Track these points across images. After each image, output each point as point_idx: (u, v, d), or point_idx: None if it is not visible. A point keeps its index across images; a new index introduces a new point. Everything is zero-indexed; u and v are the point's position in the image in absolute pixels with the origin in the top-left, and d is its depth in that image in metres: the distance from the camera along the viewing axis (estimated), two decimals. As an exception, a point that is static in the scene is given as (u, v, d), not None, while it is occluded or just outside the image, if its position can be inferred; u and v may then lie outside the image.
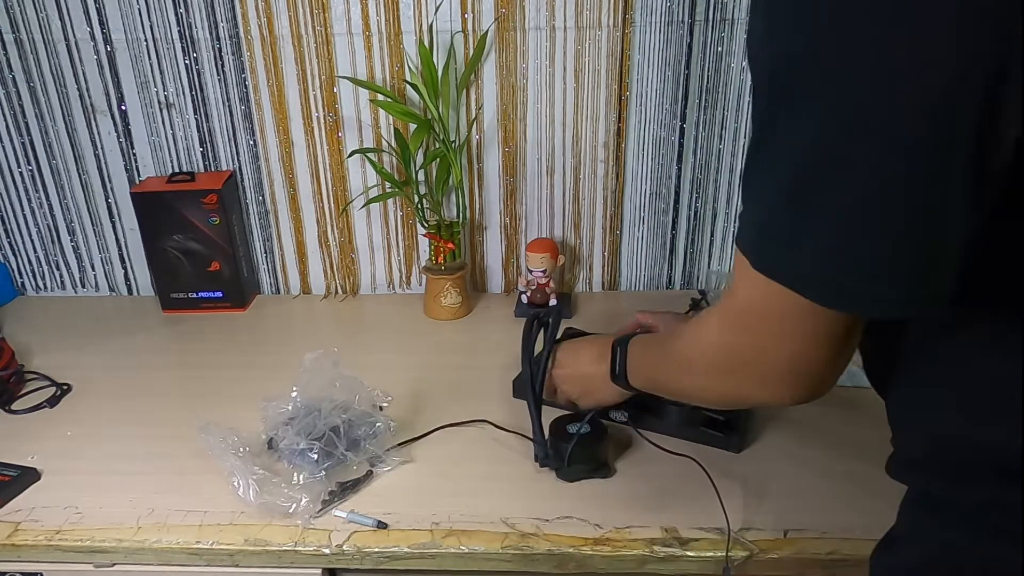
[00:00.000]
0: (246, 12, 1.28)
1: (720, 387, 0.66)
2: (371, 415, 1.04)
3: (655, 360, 0.81)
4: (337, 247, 1.46)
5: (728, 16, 1.25)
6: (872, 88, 0.44)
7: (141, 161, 1.41)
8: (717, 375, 0.65)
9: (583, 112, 1.33)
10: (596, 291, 1.47)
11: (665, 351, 0.78)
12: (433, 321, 1.38)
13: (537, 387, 0.98)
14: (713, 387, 0.67)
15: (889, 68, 0.44)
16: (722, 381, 0.64)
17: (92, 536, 0.89)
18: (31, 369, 1.24)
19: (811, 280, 0.51)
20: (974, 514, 0.54)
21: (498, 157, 1.37)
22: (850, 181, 0.46)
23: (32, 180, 1.43)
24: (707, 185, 1.37)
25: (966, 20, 0.42)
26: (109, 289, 1.53)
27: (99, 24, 1.30)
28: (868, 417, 1.03)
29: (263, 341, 1.34)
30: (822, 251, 0.49)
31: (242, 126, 1.37)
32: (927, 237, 0.47)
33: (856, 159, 0.46)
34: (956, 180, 0.45)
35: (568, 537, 0.86)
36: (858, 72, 0.45)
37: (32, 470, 0.99)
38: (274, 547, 0.87)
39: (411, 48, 1.29)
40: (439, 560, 0.86)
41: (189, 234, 1.38)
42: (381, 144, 1.37)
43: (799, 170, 0.49)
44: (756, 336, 0.58)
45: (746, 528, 0.85)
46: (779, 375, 0.59)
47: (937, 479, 0.57)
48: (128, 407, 1.15)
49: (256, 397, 1.03)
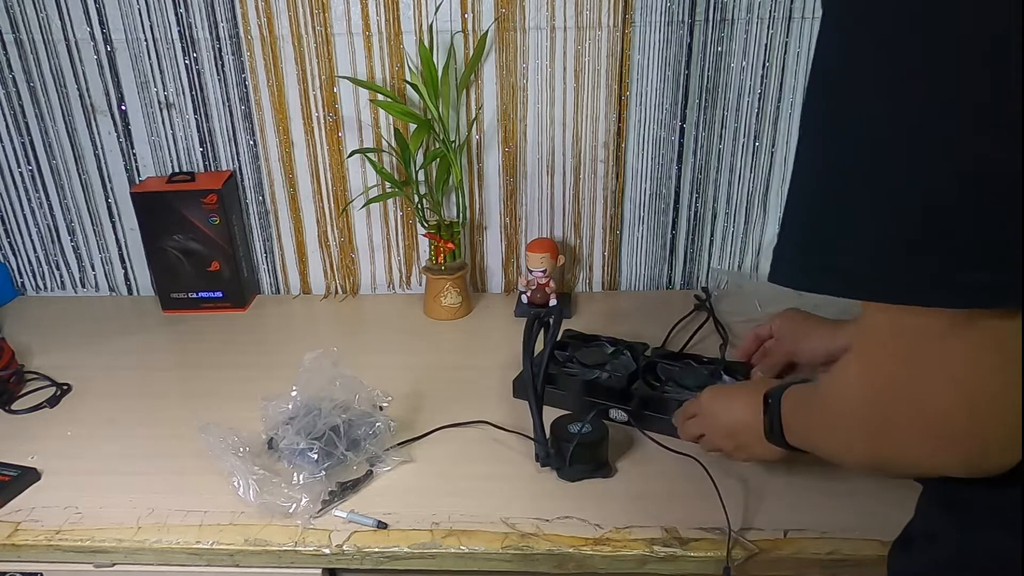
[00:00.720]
0: (246, 12, 1.28)
1: (872, 449, 0.54)
2: (371, 415, 1.04)
3: (805, 418, 0.70)
4: (337, 247, 1.46)
5: (728, 16, 1.25)
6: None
7: (141, 161, 1.41)
8: (866, 434, 0.54)
9: (583, 112, 1.33)
10: (596, 291, 1.47)
11: (810, 406, 0.67)
12: (433, 321, 1.38)
13: (539, 386, 0.98)
14: (864, 450, 0.55)
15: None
16: (873, 442, 0.53)
17: (92, 536, 0.89)
18: (31, 369, 1.24)
19: (919, 285, 0.45)
20: (1002, 513, 0.52)
21: (498, 157, 1.37)
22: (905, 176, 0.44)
23: (32, 180, 1.43)
24: (707, 185, 1.37)
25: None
26: (109, 289, 1.53)
27: (99, 24, 1.30)
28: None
29: (263, 341, 1.34)
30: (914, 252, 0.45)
31: (242, 126, 1.37)
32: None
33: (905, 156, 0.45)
34: None
35: (568, 537, 0.86)
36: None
37: (32, 470, 0.99)
38: (274, 547, 0.87)
39: (411, 48, 1.29)
40: (439, 560, 0.86)
41: (189, 234, 1.38)
42: (381, 144, 1.37)
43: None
44: (902, 379, 0.49)
45: (746, 528, 0.85)
46: (940, 428, 0.48)
47: (961, 479, 0.53)
48: (128, 407, 1.15)
49: (256, 397, 1.03)
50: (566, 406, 1.04)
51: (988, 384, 0.46)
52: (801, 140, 0.52)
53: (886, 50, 0.45)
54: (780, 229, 0.54)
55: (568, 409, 1.02)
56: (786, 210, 0.54)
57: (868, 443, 0.54)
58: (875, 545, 0.82)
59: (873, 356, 0.51)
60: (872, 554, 0.81)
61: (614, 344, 1.18)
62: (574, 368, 1.13)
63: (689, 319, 1.31)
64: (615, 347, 1.17)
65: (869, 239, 0.47)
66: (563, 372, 1.11)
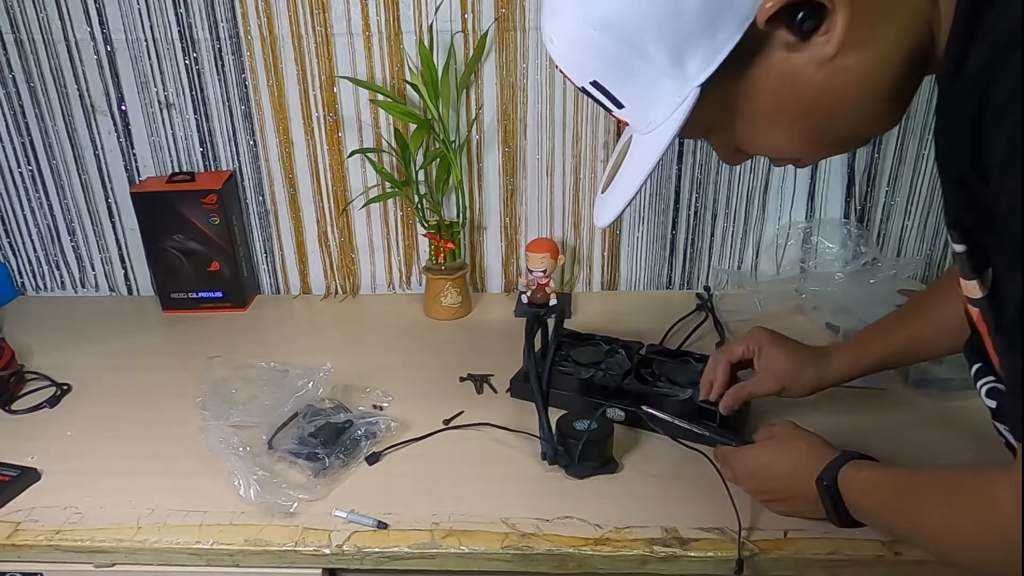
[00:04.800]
0: (246, 12, 1.28)
1: (1000, 564, 0.59)
2: (371, 415, 1.04)
3: (900, 508, 0.72)
4: (337, 247, 1.46)
5: (728, 16, 1.25)
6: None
7: (141, 161, 1.41)
8: (1006, 553, 0.57)
9: (583, 112, 1.33)
10: (596, 291, 1.47)
11: (922, 503, 0.69)
12: (433, 321, 1.38)
13: (544, 385, 0.98)
14: (991, 561, 0.60)
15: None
16: (1013, 563, 0.56)
17: (92, 536, 0.89)
18: (31, 369, 1.24)
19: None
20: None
21: (498, 157, 1.37)
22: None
23: (32, 180, 1.43)
24: (707, 185, 1.37)
25: None
26: (109, 289, 1.53)
27: (99, 24, 1.30)
28: (869, 418, 1.04)
29: (263, 341, 1.34)
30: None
31: (242, 126, 1.37)
32: None
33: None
34: None
35: (568, 537, 0.86)
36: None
37: (32, 470, 0.99)
38: (274, 547, 0.87)
39: (411, 48, 1.29)
40: (439, 560, 0.86)
41: (189, 234, 1.38)
42: (381, 144, 1.37)
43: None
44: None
45: (747, 528, 0.85)
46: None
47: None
48: (128, 407, 1.15)
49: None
50: (561, 405, 1.03)
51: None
52: None
53: None
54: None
55: (563, 408, 1.02)
56: None
57: (1005, 560, 0.57)
58: (875, 545, 0.82)
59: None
60: (872, 554, 0.81)
61: (609, 343, 1.18)
62: (569, 367, 1.13)
63: (688, 318, 1.31)
64: (610, 346, 1.17)
65: None
66: (558, 371, 1.11)
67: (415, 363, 1.23)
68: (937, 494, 0.67)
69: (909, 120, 1.31)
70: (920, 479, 0.71)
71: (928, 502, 0.68)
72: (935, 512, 0.66)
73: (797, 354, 0.95)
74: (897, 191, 1.37)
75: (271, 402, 1.06)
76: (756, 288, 1.36)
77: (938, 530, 0.66)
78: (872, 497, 0.76)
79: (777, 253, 1.41)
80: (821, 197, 1.38)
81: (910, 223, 1.40)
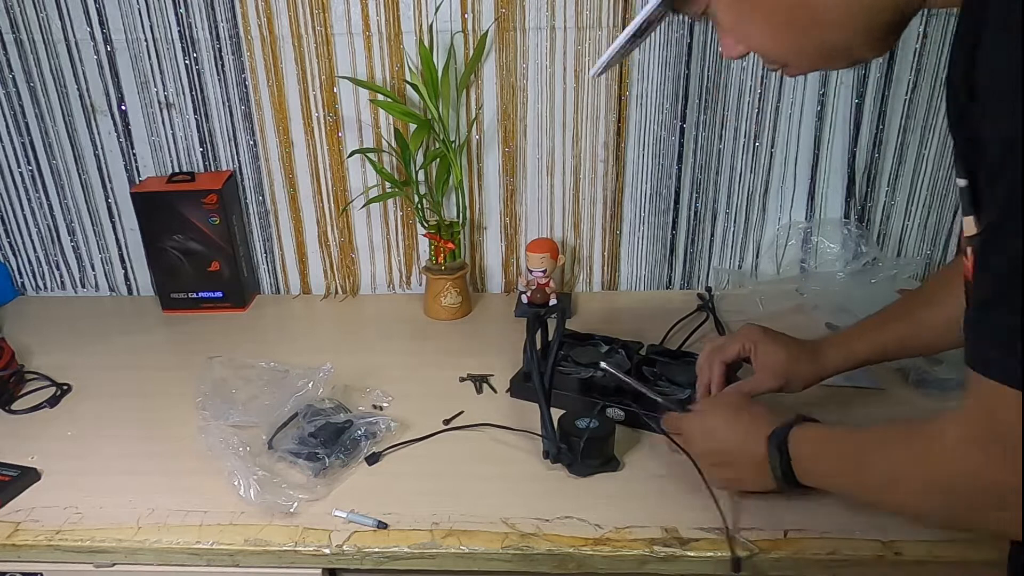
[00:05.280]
0: (246, 12, 1.28)
1: (949, 514, 0.61)
2: (371, 415, 1.04)
3: (844, 468, 0.75)
4: (337, 247, 1.46)
5: (728, 16, 1.25)
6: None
7: (141, 161, 1.41)
8: (951, 503, 0.59)
9: (583, 112, 1.33)
10: (596, 291, 1.47)
11: (863, 460, 0.71)
12: (433, 321, 1.38)
13: (547, 384, 0.98)
14: (937, 512, 0.63)
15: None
16: (960, 512, 0.59)
17: (92, 536, 0.89)
18: (31, 369, 1.24)
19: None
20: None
21: (498, 157, 1.37)
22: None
23: (32, 180, 1.43)
24: (707, 185, 1.37)
25: None
26: (109, 289, 1.53)
27: (99, 24, 1.30)
28: (869, 417, 1.04)
29: (263, 341, 1.34)
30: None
31: (242, 126, 1.37)
32: None
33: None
34: None
35: (568, 537, 0.86)
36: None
37: (32, 470, 0.99)
38: (274, 547, 0.87)
39: (411, 48, 1.29)
40: (439, 560, 0.86)
41: (189, 234, 1.38)
42: (381, 144, 1.37)
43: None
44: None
45: (746, 528, 0.85)
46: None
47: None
48: (128, 407, 1.15)
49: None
50: (560, 404, 1.03)
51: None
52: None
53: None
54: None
55: (562, 407, 1.02)
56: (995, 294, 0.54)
57: (949, 510, 0.59)
58: (875, 545, 0.82)
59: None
60: (872, 554, 0.81)
61: (609, 343, 1.18)
62: (569, 367, 1.13)
63: (689, 318, 1.31)
64: (610, 346, 1.17)
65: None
66: (558, 371, 1.11)
67: (415, 363, 1.23)
68: (890, 442, 0.68)
69: (909, 120, 1.31)
70: (872, 430, 0.73)
71: (881, 450, 0.69)
72: (887, 459, 0.68)
73: (793, 349, 0.96)
74: (897, 191, 1.37)
75: (271, 402, 1.06)
76: (757, 288, 1.36)
77: (885, 475, 0.68)
78: (823, 450, 0.77)
79: (777, 253, 1.41)
80: (821, 197, 1.38)
81: (910, 223, 1.40)
